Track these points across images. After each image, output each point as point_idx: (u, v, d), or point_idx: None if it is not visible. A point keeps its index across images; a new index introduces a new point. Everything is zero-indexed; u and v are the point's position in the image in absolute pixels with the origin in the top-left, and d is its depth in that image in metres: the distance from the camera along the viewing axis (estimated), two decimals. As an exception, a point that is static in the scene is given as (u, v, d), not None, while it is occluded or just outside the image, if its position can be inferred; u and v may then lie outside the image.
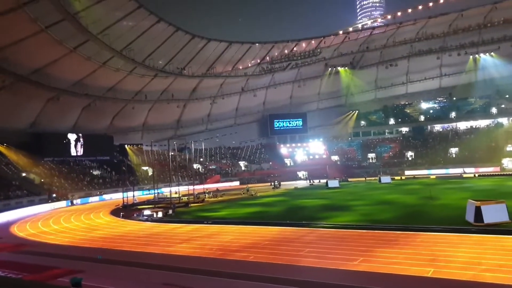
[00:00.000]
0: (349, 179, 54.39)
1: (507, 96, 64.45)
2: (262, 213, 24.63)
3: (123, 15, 41.76)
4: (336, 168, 64.24)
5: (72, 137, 50.47)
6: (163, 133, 60.79)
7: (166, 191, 42.16)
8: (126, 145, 58.12)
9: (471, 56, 64.21)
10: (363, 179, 54.47)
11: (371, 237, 15.29)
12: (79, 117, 50.86)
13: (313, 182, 52.80)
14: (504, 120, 63.15)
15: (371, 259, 11.74)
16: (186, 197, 36.14)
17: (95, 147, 53.20)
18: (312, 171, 61.81)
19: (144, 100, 55.27)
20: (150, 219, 25.19)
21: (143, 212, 26.43)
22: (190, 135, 61.81)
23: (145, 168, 57.93)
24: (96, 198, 44.80)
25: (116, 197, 43.35)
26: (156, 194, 39.03)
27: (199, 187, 46.88)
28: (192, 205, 33.14)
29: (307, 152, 71.27)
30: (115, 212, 30.45)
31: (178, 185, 42.34)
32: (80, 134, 51.19)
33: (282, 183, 51.39)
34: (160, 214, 25.93)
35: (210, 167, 64.34)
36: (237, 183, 58.59)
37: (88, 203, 42.56)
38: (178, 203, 32.39)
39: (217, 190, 46.86)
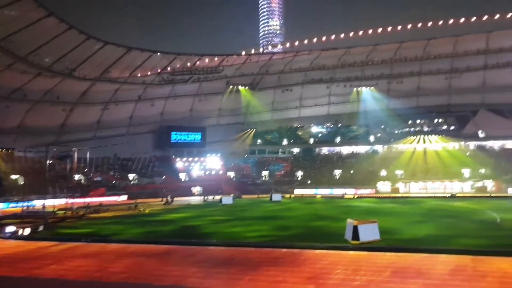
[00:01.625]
0: (243, 196, 55.42)
1: (383, 126, 73.68)
2: (152, 232, 23.25)
3: (5, 4, 36.87)
4: (232, 185, 65.01)
5: None
6: (43, 138, 54.23)
7: (39, 204, 37.34)
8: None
9: (355, 89, 72.37)
10: (256, 196, 56.06)
11: (259, 255, 15.49)
12: None
13: (207, 198, 52.42)
14: (379, 148, 71.81)
15: (258, 277, 11.80)
16: (62, 212, 32.45)
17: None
18: (208, 186, 61.46)
19: (23, 99, 48.95)
20: (14, 236, 21.81)
21: (5, 228, 22.76)
22: (75, 142, 56.28)
23: (15, 176, 50.61)
24: None
25: (-27, 209, 36.83)
26: (25, 207, 34.26)
27: (79, 201, 42.57)
28: (69, 220, 29.81)
29: (204, 167, 70.77)
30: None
31: (55, 197, 37.95)
32: None
33: (175, 198, 49.83)
34: (27, 231, 22.62)
35: (95, 179, 59.18)
36: (124, 197, 54.93)
37: None
38: (52, 218, 28.84)
39: (101, 204, 43.24)
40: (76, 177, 55.44)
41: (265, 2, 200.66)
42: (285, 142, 77.37)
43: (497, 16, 57.47)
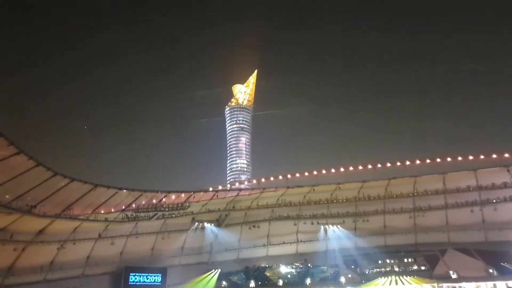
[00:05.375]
0: None
1: (353, 266, 75.89)
2: None
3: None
4: None
5: None
6: (-18, 283, 52.62)
7: None
8: None
9: (322, 226, 76.75)
10: None
11: None
12: None
13: None
14: (352, 290, 72.56)
15: None
16: None
17: None
18: None
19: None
20: None
21: None
22: (21, 287, 54.73)
23: None
24: None
25: None
26: None
27: None
28: None
29: (161, 316, 67.79)
30: None
31: None
32: None
33: None
34: None
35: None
36: None
37: None
38: None
39: None
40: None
41: (233, 142, 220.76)
42: (252, 284, 76.66)
43: (449, 159, 67.45)
